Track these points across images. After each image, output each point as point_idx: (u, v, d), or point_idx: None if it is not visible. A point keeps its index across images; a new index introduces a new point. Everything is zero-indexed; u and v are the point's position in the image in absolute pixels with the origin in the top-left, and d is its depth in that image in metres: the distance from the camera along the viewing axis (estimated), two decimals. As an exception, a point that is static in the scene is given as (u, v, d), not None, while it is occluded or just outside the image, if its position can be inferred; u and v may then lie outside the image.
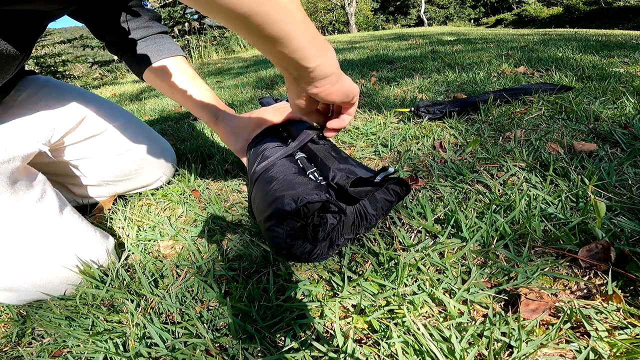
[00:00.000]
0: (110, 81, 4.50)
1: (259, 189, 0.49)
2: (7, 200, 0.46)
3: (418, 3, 23.47)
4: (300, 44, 0.34)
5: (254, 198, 0.50)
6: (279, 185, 0.45)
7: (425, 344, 0.34)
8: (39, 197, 0.50)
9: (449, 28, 8.50)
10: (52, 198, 0.52)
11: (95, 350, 0.40)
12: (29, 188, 0.49)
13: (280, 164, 0.51)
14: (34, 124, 0.56)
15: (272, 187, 0.45)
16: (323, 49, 0.37)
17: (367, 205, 0.48)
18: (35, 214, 0.48)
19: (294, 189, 0.43)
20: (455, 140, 0.80)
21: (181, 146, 1.03)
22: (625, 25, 10.70)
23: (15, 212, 0.47)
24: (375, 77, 1.66)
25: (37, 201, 0.49)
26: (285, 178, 0.46)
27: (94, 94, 0.69)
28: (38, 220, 0.49)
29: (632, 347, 0.32)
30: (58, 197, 0.53)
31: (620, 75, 1.15)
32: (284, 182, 0.45)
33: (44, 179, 0.53)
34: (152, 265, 0.53)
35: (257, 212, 0.47)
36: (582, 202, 0.52)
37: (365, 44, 3.75)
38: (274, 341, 0.39)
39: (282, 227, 0.41)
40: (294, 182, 0.45)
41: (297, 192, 0.42)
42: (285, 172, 0.48)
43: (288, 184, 0.44)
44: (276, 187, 0.45)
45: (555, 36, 2.85)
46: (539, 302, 0.37)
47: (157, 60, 0.64)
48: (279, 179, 0.46)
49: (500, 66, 1.53)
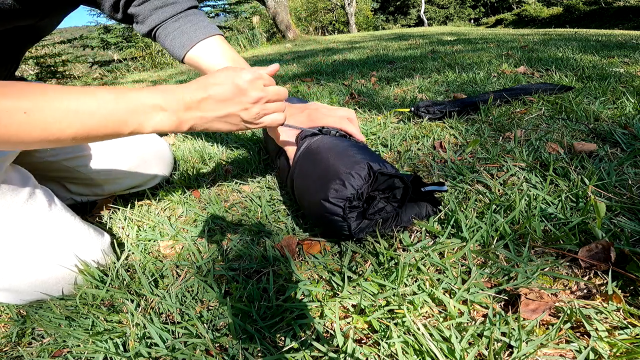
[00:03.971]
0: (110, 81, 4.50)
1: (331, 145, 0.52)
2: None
3: (418, 3, 23.47)
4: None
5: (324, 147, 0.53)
6: (362, 152, 0.49)
7: (425, 344, 0.34)
8: (27, 197, 0.49)
9: (449, 28, 8.51)
10: (41, 197, 0.51)
11: (95, 350, 0.40)
12: (16, 190, 0.49)
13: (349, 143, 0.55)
14: None
15: (355, 153, 0.49)
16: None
17: (403, 211, 0.51)
18: (24, 214, 0.48)
19: (380, 160, 0.48)
20: (455, 140, 0.80)
21: (181, 146, 1.03)
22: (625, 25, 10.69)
23: (4, 213, 0.46)
24: (375, 77, 1.66)
25: (25, 201, 0.49)
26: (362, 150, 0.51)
27: None
28: (28, 220, 0.48)
29: (632, 347, 0.32)
30: (47, 195, 0.52)
31: (620, 75, 1.15)
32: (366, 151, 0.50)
33: (32, 178, 0.52)
34: (152, 265, 0.53)
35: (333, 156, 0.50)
36: (582, 202, 0.52)
37: (365, 44, 3.75)
38: (274, 341, 0.39)
39: (362, 178, 0.44)
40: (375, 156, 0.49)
41: (387, 163, 0.47)
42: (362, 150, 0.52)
43: (371, 154, 0.50)
44: (363, 154, 0.49)
45: (555, 36, 2.85)
46: (539, 302, 0.37)
47: (195, 44, 0.62)
48: (356, 148, 0.51)
49: (500, 66, 1.53)
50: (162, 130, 0.42)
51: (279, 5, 6.85)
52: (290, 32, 6.95)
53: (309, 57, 3.03)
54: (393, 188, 0.48)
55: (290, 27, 7.01)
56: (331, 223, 0.47)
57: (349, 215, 0.45)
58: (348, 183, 0.44)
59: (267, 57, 3.92)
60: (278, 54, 4.02)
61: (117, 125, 0.39)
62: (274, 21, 7.12)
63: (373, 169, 0.45)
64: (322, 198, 0.46)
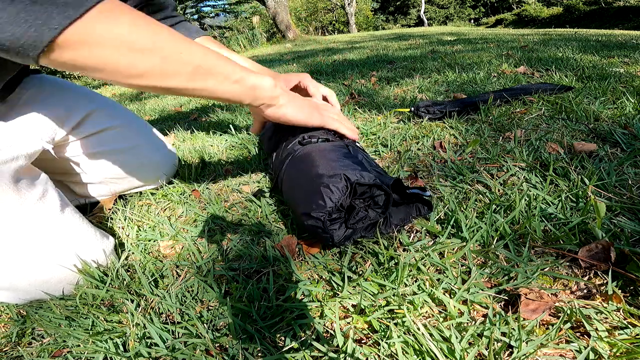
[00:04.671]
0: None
1: (315, 152, 0.53)
2: (10, 199, 0.46)
3: (418, 3, 23.46)
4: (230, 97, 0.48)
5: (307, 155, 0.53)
6: (342, 160, 0.49)
7: (425, 344, 0.34)
8: (41, 195, 0.50)
9: (449, 28, 8.51)
10: (54, 197, 0.52)
11: (95, 350, 0.40)
12: (31, 187, 0.49)
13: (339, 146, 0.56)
14: (38, 123, 0.56)
15: (338, 159, 0.49)
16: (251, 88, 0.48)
17: (392, 213, 0.51)
18: (36, 212, 0.48)
19: (362, 168, 0.48)
20: (455, 140, 0.80)
21: (181, 146, 1.03)
22: (625, 25, 10.68)
23: (17, 210, 0.47)
24: (375, 77, 1.66)
25: (38, 200, 0.49)
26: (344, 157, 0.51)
27: (98, 94, 0.69)
28: (39, 219, 0.49)
29: (632, 347, 0.32)
30: (60, 196, 0.53)
31: (620, 75, 1.15)
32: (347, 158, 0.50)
33: (46, 178, 0.53)
34: (152, 265, 0.53)
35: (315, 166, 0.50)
36: (582, 202, 0.52)
37: (365, 44, 3.75)
38: (274, 341, 0.39)
39: (340, 190, 0.44)
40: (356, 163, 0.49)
41: (365, 172, 0.46)
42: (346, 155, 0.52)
43: (352, 161, 0.50)
44: (343, 163, 0.49)
45: (555, 36, 2.85)
46: (539, 302, 0.37)
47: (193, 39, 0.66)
48: (339, 153, 0.51)
49: (500, 66, 1.53)
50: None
51: (279, 5, 6.85)
52: (290, 32, 6.95)
53: (309, 57, 3.03)
54: (374, 196, 0.48)
55: (290, 27, 7.01)
56: (316, 234, 0.48)
57: (330, 228, 0.46)
58: (327, 197, 0.44)
59: (267, 57, 3.92)
60: (278, 54, 4.02)
61: (234, 99, 0.49)
62: (274, 21, 7.12)
63: (350, 180, 0.45)
64: (303, 212, 0.47)
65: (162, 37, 0.39)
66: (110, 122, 0.66)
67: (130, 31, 0.36)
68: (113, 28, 0.35)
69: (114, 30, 0.35)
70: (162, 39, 0.39)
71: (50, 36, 0.32)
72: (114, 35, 0.35)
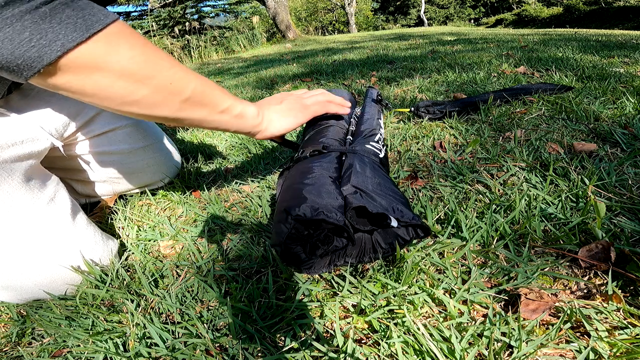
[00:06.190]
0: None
1: (294, 172, 0.50)
2: (21, 197, 0.46)
3: (418, 3, 23.46)
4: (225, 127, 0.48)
5: (288, 177, 0.52)
6: (311, 182, 0.45)
7: (425, 344, 0.34)
8: (52, 196, 0.50)
9: (449, 28, 8.50)
10: (65, 199, 0.52)
11: (95, 350, 0.40)
12: (42, 187, 0.50)
13: (326, 160, 0.51)
14: (49, 118, 0.55)
15: (304, 182, 0.45)
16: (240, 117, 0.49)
17: (379, 237, 0.45)
18: (47, 213, 0.49)
19: (320, 197, 0.41)
20: (455, 140, 0.80)
21: (181, 146, 1.03)
22: (625, 25, 10.68)
23: (28, 209, 0.47)
24: (375, 77, 1.66)
25: (50, 201, 0.50)
26: (319, 178, 0.46)
27: None
28: (49, 219, 0.49)
29: (632, 347, 0.32)
30: (70, 199, 0.54)
31: (620, 75, 1.15)
32: (315, 182, 0.45)
33: (57, 180, 0.53)
34: (152, 265, 0.53)
35: (281, 194, 0.49)
36: (582, 202, 0.52)
37: (365, 44, 3.75)
38: (274, 341, 0.39)
39: (288, 226, 0.39)
40: (324, 189, 0.43)
41: (321, 203, 0.40)
42: (323, 172, 0.47)
43: (318, 188, 0.43)
44: (308, 182, 0.45)
45: (555, 36, 2.85)
46: (539, 302, 0.37)
47: None
48: (314, 176, 0.47)
49: (500, 66, 1.53)
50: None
51: (279, 5, 6.85)
52: (290, 32, 6.95)
53: (309, 57, 3.03)
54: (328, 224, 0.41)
55: (290, 27, 7.01)
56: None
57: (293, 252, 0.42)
58: (276, 233, 0.41)
59: (267, 57, 3.92)
60: (278, 54, 4.02)
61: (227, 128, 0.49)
62: (274, 21, 7.12)
63: (291, 215, 0.39)
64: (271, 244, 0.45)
65: (161, 65, 0.38)
66: (119, 122, 0.66)
67: (131, 57, 0.35)
68: (116, 54, 0.34)
69: (116, 56, 0.34)
70: (159, 68, 0.37)
71: (51, 58, 0.30)
72: (115, 61, 0.34)
